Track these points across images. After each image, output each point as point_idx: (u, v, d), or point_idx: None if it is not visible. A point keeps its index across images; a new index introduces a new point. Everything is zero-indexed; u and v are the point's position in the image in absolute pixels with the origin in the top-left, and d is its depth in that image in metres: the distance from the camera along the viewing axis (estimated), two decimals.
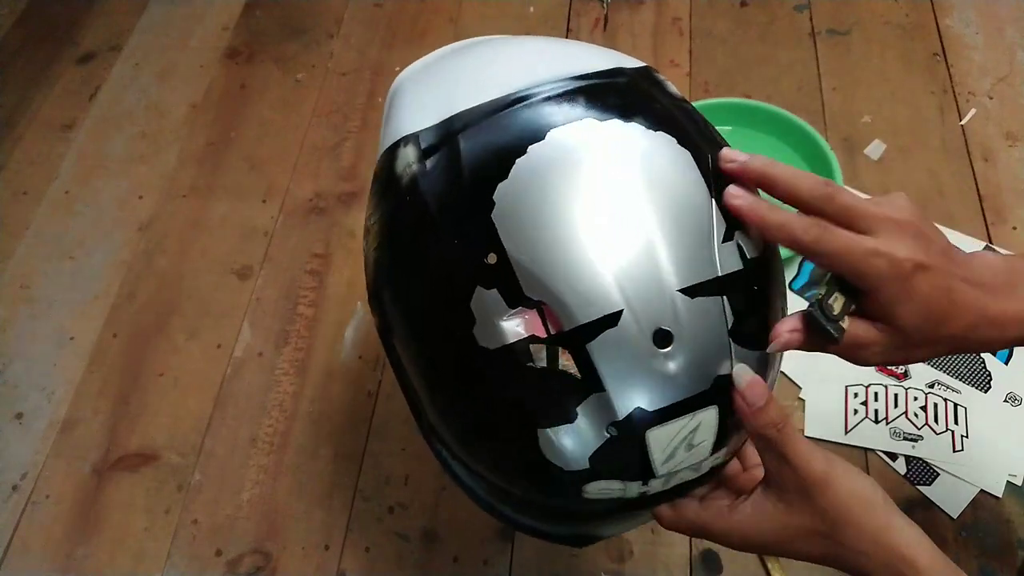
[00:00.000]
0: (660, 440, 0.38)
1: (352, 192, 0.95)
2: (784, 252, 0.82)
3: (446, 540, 0.71)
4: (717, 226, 0.39)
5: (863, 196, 0.40)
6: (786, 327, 0.40)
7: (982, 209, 0.86)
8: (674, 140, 0.40)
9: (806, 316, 0.40)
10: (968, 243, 0.83)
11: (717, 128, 0.48)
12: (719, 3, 1.08)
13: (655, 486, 0.40)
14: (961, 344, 0.41)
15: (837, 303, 0.39)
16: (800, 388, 0.76)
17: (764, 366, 0.41)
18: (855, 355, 0.41)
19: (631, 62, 0.46)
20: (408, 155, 0.42)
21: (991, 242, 0.83)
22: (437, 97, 0.43)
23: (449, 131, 0.41)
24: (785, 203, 0.40)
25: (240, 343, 0.84)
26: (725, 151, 0.41)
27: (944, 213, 0.86)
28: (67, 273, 0.92)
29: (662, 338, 0.37)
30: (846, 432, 0.74)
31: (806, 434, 0.74)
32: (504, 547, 0.70)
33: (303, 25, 1.13)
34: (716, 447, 0.39)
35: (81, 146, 1.03)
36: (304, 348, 0.83)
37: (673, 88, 0.46)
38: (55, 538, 0.74)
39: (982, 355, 0.77)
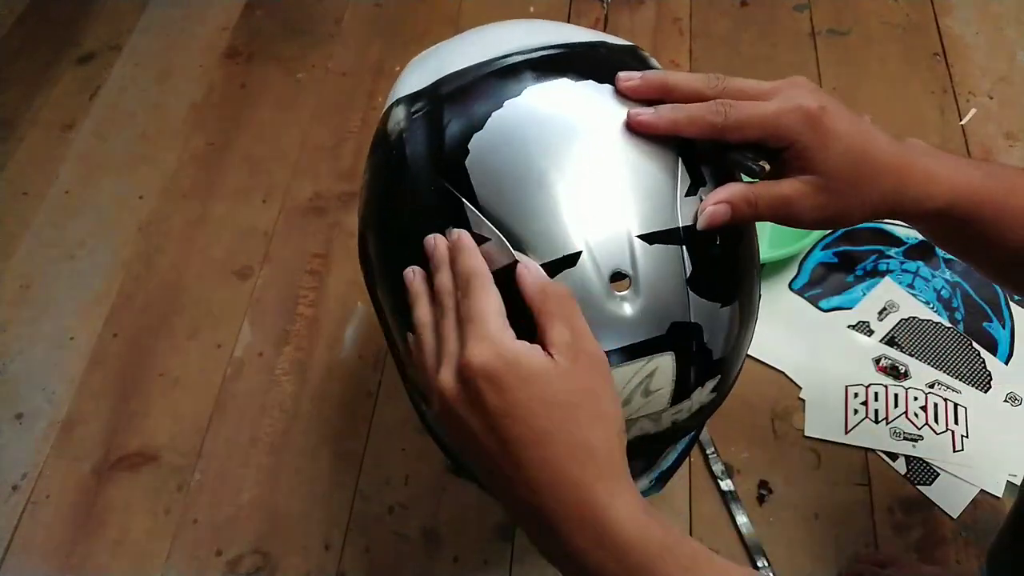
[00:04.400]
0: (616, 382, 0.38)
1: (352, 192, 0.95)
2: (785, 250, 0.83)
3: (446, 540, 0.71)
4: (682, 181, 0.40)
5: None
6: (712, 200, 0.40)
7: None
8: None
9: (729, 163, 0.41)
10: None
11: None
12: (719, 3, 1.08)
13: None
14: (892, 200, 0.41)
15: (757, 159, 0.41)
16: (800, 388, 0.76)
17: (723, 320, 0.41)
18: (788, 213, 0.41)
19: (617, 40, 0.48)
20: (399, 114, 0.45)
21: None
22: (432, 67, 0.46)
23: (436, 89, 0.44)
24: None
25: (240, 343, 0.84)
26: (620, 73, 0.42)
27: None
28: (68, 273, 0.92)
29: (619, 280, 0.38)
30: (846, 432, 0.74)
31: (806, 434, 0.74)
32: (504, 547, 0.70)
33: (303, 25, 1.13)
34: (675, 398, 0.40)
35: (81, 146, 1.03)
36: (304, 348, 0.83)
37: (656, 63, 0.47)
38: (55, 538, 0.74)
39: (982, 355, 0.77)
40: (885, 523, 0.69)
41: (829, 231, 0.85)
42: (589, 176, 0.39)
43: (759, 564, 0.67)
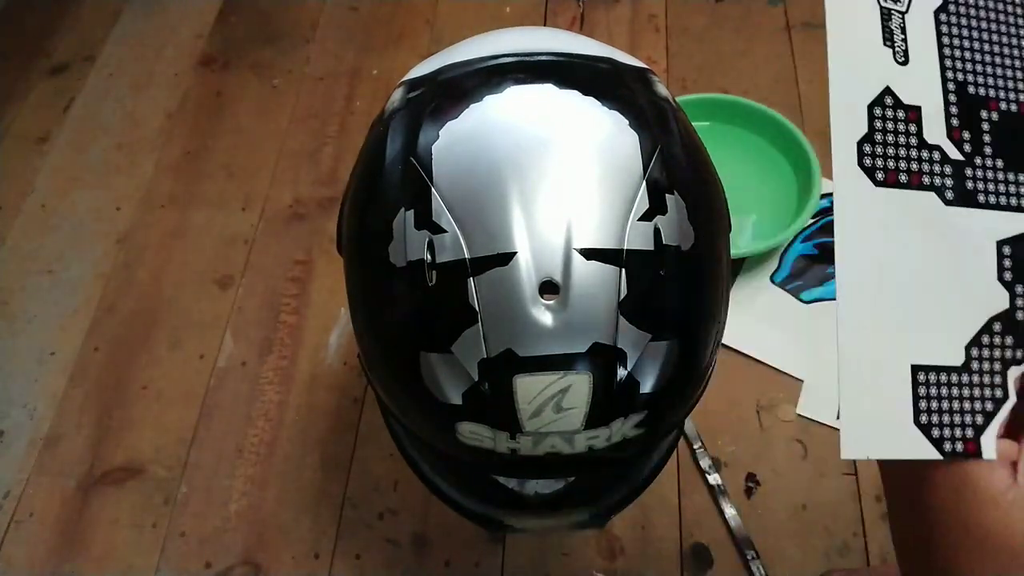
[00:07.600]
0: (527, 390, 0.38)
1: (332, 197, 0.94)
2: (766, 243, 0.83)
3: (437, 544, 0.71)
4: (639, 204, 0.40)
5: None
6: None
7: None
8: (626, 122, 0.42)
9: None
10: None
11: (695, 124, 0.48)
12: None
13: (525, 445, 0.40)
14: None
15: None
16: (786, 377, 0.77)
17: (657, 354, 0.40)
18: None
19: (628, 60, 0.48)
20: (398, 94, 0.46)
21: None
22: (445, 56, 0.47)
23: (435, 77, 0.45)
24: None
25: (223, 353, 0.83)
26: None
27: None
28: (46, 288, 0.91)
29: (548, 288, 0.38)
30: (838, 417, 0.74)
31: (798, 412, 0.75)
32: (495, 549, 0.70)
33: (278, 31, 1.12)
34: (590, 422, 0.39)
35: (56, 159, 1.02)
36: (288, 356, 0.83)
37: (663, 90, 0.47)
38: (40, 557, 0.73)
39: None
40: (873, 512, 0.70)
41: (810, 223, 0.85)
42: (546, 181, 0.39)
43: (748, 556, 0.68)
